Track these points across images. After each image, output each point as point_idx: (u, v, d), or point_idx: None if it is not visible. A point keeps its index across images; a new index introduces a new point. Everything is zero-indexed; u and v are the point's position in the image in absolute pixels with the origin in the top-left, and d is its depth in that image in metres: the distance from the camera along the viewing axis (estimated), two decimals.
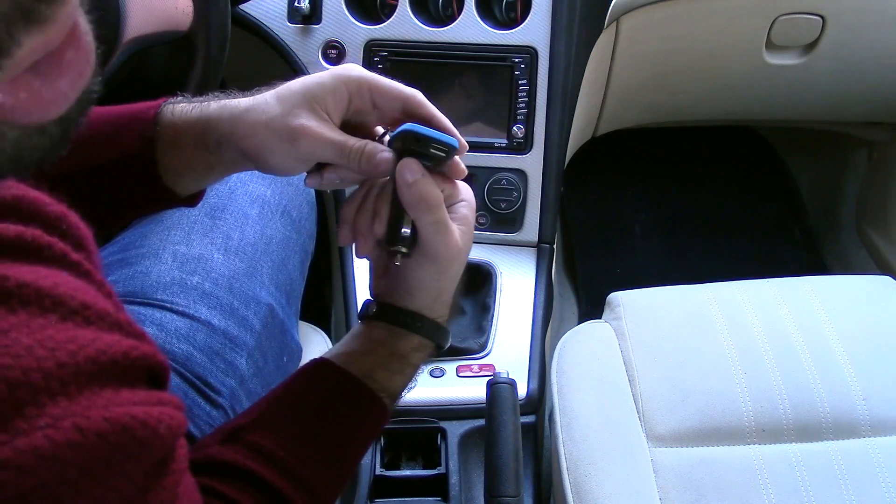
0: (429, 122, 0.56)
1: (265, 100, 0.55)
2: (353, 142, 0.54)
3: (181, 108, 0.57)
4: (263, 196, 0.84)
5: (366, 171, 0.54)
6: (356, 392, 0.56)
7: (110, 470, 0.32)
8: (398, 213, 0.54)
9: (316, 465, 0.53)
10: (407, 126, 0.53)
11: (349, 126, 0.56)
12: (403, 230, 0.54)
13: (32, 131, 0.31)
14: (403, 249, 0.54)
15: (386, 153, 0.54)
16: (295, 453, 0.52)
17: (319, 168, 0.58)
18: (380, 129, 0.58)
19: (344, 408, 0.55)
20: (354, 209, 0.57)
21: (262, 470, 0.50)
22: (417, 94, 0.56)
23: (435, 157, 0.53)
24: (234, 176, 0.85)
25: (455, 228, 0.55)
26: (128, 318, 0.37)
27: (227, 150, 0.55)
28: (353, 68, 0.56)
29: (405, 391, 0.60)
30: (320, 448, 0.54)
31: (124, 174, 0.57)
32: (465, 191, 0.58)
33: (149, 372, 0.38)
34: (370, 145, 0.54)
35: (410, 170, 0.52)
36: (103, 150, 0.57)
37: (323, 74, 0.55)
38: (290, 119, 0.53)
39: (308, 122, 0.53)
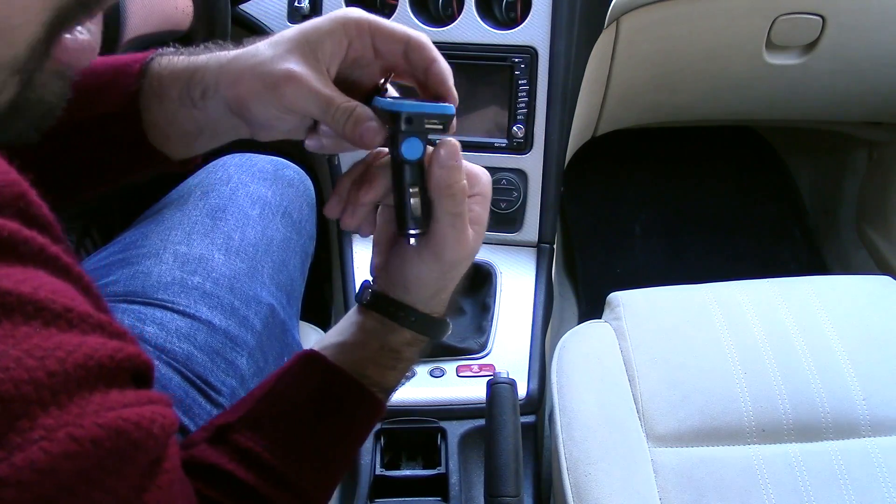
0: (428, 67, 0.51)
1: (256, 47, 0.51)
2: (342, 100, 0.49)
3: (168, 59, 0.54)
4: (264, 197, 0.84)
5: (350, 137, 0.49)
6: (346, 388, 0.54)
7: (107, 474, 0.32)
8: (403, 193, 0.50)
9: (304, 466, 0.52)
10: (394, 104, 0.49)
11: (346, 82, 0.51)
12: (412, 209, 0.50)
13: None
14: (418, 231, 0.51)
15: (373, 123, 0.49)
16: (281, 455, 0.50)
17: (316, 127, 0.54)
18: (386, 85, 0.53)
19: (334, 405, 0.54)
20: (350, 181, 0.53)
21: (247, 476, 0.49)
22: (420, 37, 0.51)
23: (432, 131, 0.49)
24: (236, 177, 0.85)
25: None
26: (108, 318, 0.37)
27: (212, 101, 0.51)
28: (353, 10, 0.50)
29: (400, 384, 0.58)
30: (309, 448, 0.52)
31: (108, 132, 0.54)
32: (482, 181, 0.54)
33: (134, 371, 0.37)
34: (360, 109, 0.49)
35: (452, 153, 0.49)
36: (87, 104, 0.53)
37: (321, 18, 0.50)
38: (278, 63, 0.48)
39: (297, 67, 0.48)
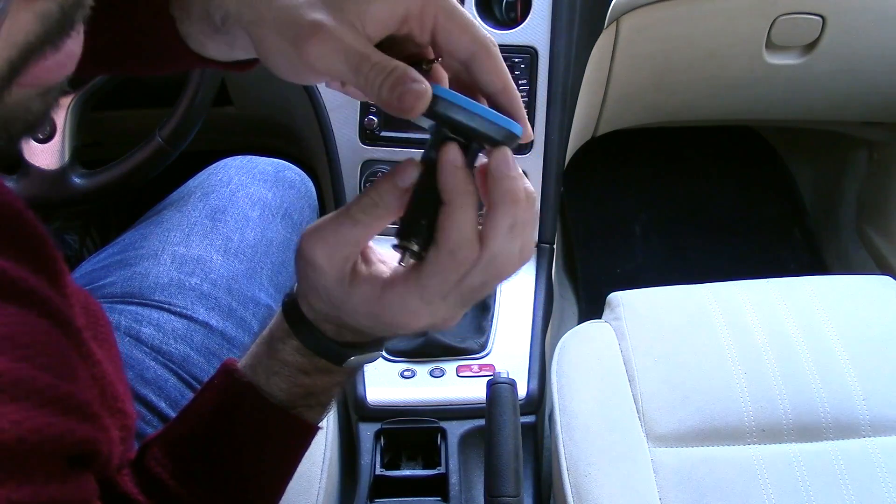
0: (493, 83, 0.42)
1: None
2: (377, 58, 0.39)
3: None
4: (265, 199, 0.84)
5: (387, 101, 0.38)
6: (249, 401, 0.48)
7: None
8: (422, 200, 0.41)
9: (211, 495, 0.48)
10: (440, 90, 0.40)
11: (384, 50, 0.41)
12: (422, 221, 0.41)
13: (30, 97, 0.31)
14: (414, 247, 0.42)
15: (418, 85, 0.38)
16: (187, 483, 0.47)
17: None
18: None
19: (240, 423, 0.48)
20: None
21: None
22: (490, 44, 0.40)
23: (480, 138, 0.40)
24: (236, 178, 0.85)
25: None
26: (70, 387, 0.32)
27: (237, 31, 0.42)
28: None
29: (329, 396, 0.50)
30: (217, 473, 0.48)
31: (145, 37, 0.46)
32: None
33: (75, 453, 0.33)
34: (400, 69, 0.38)
35: (454, 153, 0.40)
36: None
37: None
38: (305, 11, 0.39)
39: (328, 20, 0.38)
